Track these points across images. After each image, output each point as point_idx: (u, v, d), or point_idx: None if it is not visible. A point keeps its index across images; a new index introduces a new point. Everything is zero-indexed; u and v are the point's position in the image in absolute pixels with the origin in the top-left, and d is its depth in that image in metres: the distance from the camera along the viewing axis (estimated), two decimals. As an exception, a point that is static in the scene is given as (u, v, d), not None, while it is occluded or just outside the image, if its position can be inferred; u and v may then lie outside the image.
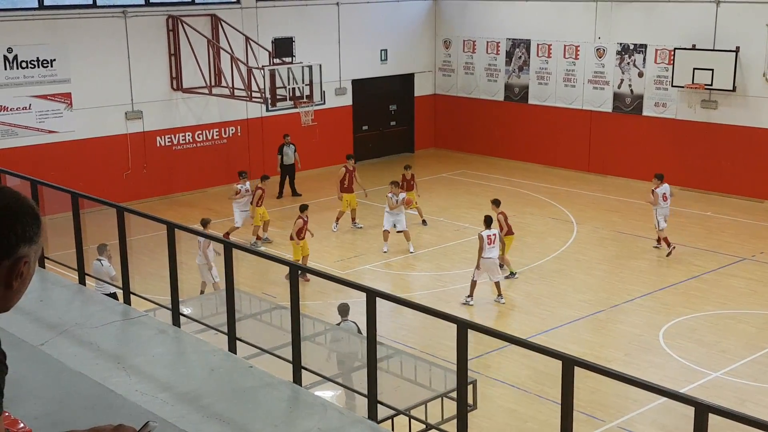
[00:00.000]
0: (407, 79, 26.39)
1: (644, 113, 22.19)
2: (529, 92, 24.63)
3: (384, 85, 25.78)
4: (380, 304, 6.10)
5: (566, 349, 12.04)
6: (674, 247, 16.30)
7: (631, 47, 22.18)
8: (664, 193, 16.67)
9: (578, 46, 23.28)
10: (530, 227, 18.99)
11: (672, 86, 21.22)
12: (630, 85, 22.40)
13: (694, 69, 20.43)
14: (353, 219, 18.73)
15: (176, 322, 7.48)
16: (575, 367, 4.90)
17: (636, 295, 14.54)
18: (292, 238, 15.60)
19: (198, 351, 6.95)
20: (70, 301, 7.99)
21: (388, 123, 26.44)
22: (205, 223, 14.75)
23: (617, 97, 22.72)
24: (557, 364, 4.92)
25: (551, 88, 24.14)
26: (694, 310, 13.86)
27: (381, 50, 25.28)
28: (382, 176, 23.82)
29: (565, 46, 23.56)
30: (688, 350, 12.38)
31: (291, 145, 21.57)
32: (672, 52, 21.08)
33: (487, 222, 14.32)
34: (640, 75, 22.10)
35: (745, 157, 20.41)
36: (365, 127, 25.70)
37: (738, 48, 19.96)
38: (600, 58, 22.89)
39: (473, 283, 14.19)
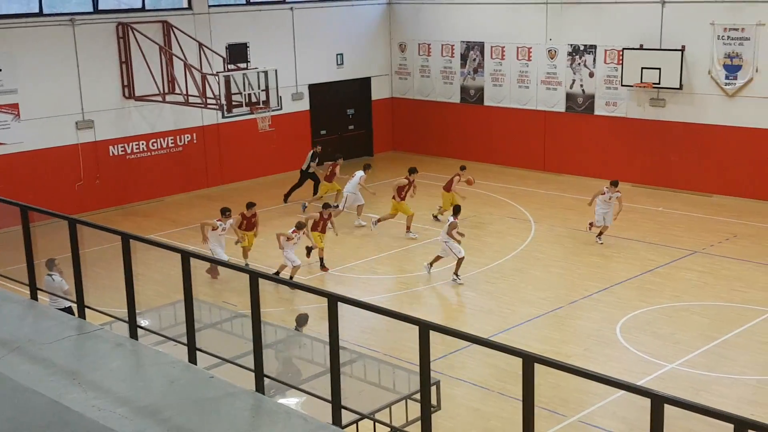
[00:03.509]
0: (364, 83, 26.44)
1: (596, 112, 22.56)
2: (484, 94, 24.87)
3: (341, 89, 25.80)
4: (342, 308, 6.11)
5: (527, 346, 12.15)
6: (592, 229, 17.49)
7: (582, 48, 22.54)
8: (611, 197, 17.09)
9: (531, 47, 23.57)
10: (489, 227, 19.16)
11: (622, 85, 21.61)
12: (581, 85, 22.75)
13: (643, 68, 20.84)
14: (408, 228, 18.30)
15: (134, 334, 7.38)
16: (535, 364, 4.97)
17: (593, 291, 14.77)
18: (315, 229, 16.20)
19: (157, 363, 6.86)
20: (22, 316, 7.82)
21: (346, 127, 26.45)
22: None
23: (570, 97, 23.06)
24: (518, 362, 4.99)
25: (506, 90, 24.41)
26: (649, 303, 14.13)
27: (337, 54, 25.29)
28: (342, 181, 23.84)
29: (518, 47, 23.85)
30: (644, 343, 12.62)
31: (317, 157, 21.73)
32: (621, 53, 21.47)
33: (456, 210, 15.92)
34: (591, 75, 22.47)
35: (693, 153, 20.87)
36: (323, 132, 25.68)
37: (683, 47, 20.41)
38: (552, 59, 23.21)
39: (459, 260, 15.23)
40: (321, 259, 16.22)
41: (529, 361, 4.99)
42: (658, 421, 4.38)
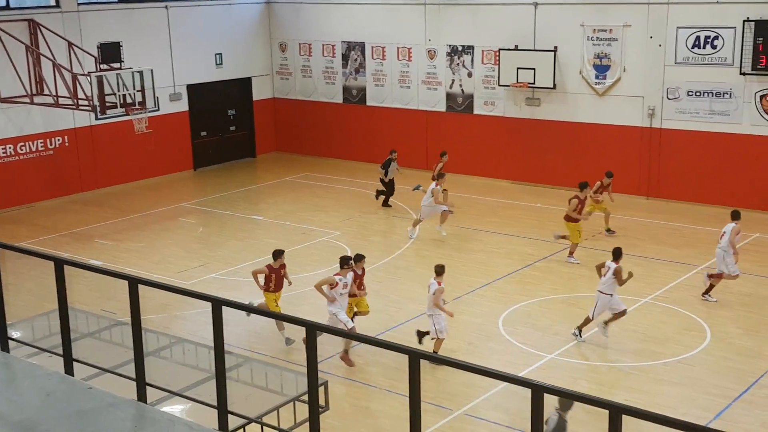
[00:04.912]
0: (245, 83, 26.08)
1: (475, 112, 23.14)
2: (366, 94, 25.03)
3: (221, 89, 25.35)
4: (228, 312, 6.00)
5: (413, 343, 12.37)
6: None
7: (460, 49, 23.06)
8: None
9: (411, 48, 23.92)
10: (374, 226, 19.31)
11: (499, 85, 22.26)
12: (461, 85, 23.28)
13: (518, 68, 21.55)
14: (571, 252, 16.43)
15: (4, 347, 7.00)
16: (421, 360, 5.05)
17: (476, 286, 15.14)
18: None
19: (31, 376, 6.54)
20: None
21: (227, 128, 26.01)
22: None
23: (450, 96, 23.55)
24: (405, 359, 5.04)
25: (388, 90, 24.66)
26: (529, 296, 14.62)
27: (216, 54, 24.82)
28: (225, 183, 23.45)
29: (398, 48, 24.14)
30: (525, 335, 13.04)
31: (395, 162, 20.49)
32: (497, 53, 22.12)
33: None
34: (470, 75, 23.03)
35: (567, 150, 21.75)
36: (204, 133, 25.16)
37: (556, 47, 21.24)
38: (431, 59, 23.63)
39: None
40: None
41: (415, 357, 5.06)
42: (538, 411, 4.52)
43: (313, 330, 5.61)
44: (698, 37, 19.39)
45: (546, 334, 13.05)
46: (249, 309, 6.56)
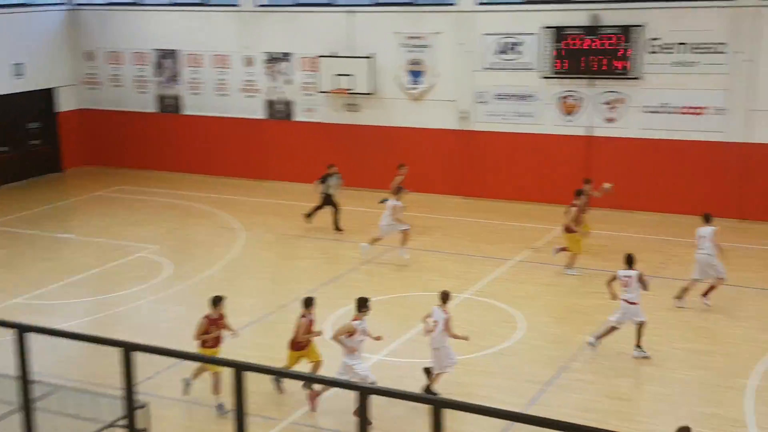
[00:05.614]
0: (47, 95, 24.52)
1: (295, 119, 23.11)
2: (183, 103, 24.32)
3: (21, 101, 23.68)
4: (34, 338, 5.56)
5: (241, 355, 12.06)
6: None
7: (278, 56, 22.95)
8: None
9: (227, 55, 23.51)
10: (197, 238, 18.77)
11: (319, 92, 22.37)
12: (281, 92, 23.17)
13: (337, 75, 21.76)
14: (570, 264, 15.90)
15: None
16: (244, 372, 4.91)
17: (301, 293, 15.04)
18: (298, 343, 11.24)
19: None
20: None
21: (28, 142, 24.33)
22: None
23: (269, 104, 23.37)
24: (225, 372, 4.89)
25: (205, 98, 24.10)
26: (354, 300, 14.71)
27: (14, 64, 23.17)
28: (28, 201, 21.91)
29: (214, 55, 23.66)
30: (353, 339, 13.11)
31: (335, 176, 18.70)
32: (316, 60, 22.22)
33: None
34: (289, 82, 22.97)
35: (386, 154, 22.20)
36: (3, 149, 23.41)
37: (372, 54, 21.65)
38: (249, 66, 23.35)
39: None
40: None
41: (239, 369, 4.92)
42: (364, 412, 4.52)
43: (128, 352, 5.30)
44: (502, 44, 20.47)
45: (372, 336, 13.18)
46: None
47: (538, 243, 17.64)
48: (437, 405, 4.30)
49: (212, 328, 10.82)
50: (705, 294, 13.92)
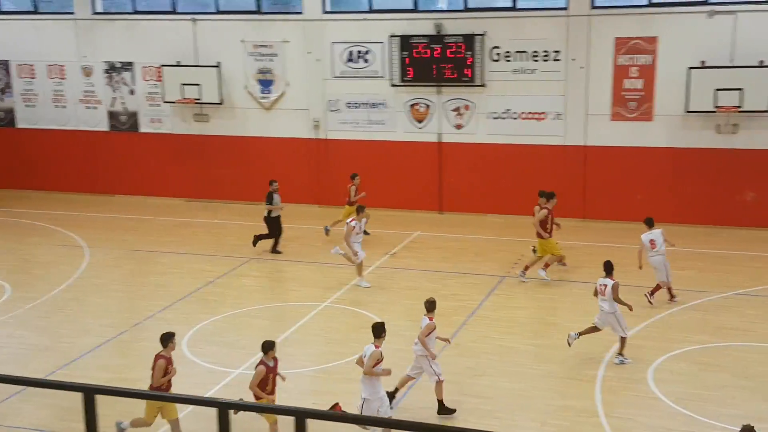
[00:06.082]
0: None
1: (141, 130, 22.30)
2: (16, 116, 22.88)
3: None
4: None
5: (93, 378, 11.48)
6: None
7: (118, 65, 22.07)
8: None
9: (63, 65, 22.36)
10: (37, 258, 17.71)
11: (164, 102, 21.68)
12: (123, 103, 22.29)
13: (183, 84, 21.17)
14: (547, 265, 15.71)
15: None
16: (96, 395, 4.64)
17: (156, 310, 14.52)
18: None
19: None
20: None
21: None
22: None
23: (112, 115, 22.43)
24: (80, 397, 4.60)
25: (41, 110, 22.81)
26: (212, 314, 14.37)
27: None
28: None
29: (48, 66, 22.45)
30: (211, 354, 12.77)
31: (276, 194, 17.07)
32: (159, 69, 21.53)
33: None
34: (132, 92, 22.13)
35: (238, 165, 21.85)
36: None
37: (219, 63, 21.24)
38: (88, 77, 22.31)
39: None
40: None
41: (90, 393, 4.64)
42: (224, 427, 4.39)
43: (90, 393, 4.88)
44: (351, 52, 20.65)
45: (233, 350, 12.91)
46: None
47: (395, 249, 17.89)
48: (300, 416, 4.24)
49: (170, 368, 9.75)
50: (652, 293, 14.33)
